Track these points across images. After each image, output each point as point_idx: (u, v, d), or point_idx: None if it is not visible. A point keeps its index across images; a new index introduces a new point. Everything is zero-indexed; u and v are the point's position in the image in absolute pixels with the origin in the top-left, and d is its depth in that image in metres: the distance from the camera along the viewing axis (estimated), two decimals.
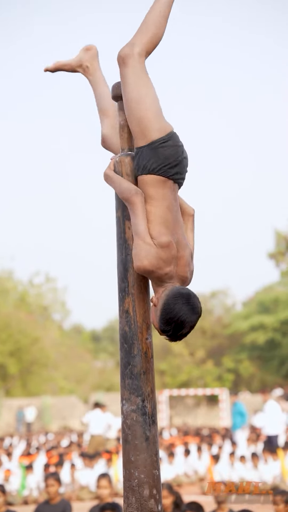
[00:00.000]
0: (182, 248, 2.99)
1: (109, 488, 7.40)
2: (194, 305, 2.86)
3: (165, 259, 2.90)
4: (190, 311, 2.85)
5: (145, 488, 2.86)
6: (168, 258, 2.91)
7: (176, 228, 2.97)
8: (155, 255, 2.87)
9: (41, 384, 36.43)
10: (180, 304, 2.84)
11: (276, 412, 14.24)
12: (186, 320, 2.84)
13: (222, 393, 28.43)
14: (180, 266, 2.98)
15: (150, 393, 2.95)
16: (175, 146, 2.96)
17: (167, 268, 2.91)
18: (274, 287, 39.47)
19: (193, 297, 2.88)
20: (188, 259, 3.01)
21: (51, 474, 7.98)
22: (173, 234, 2.94)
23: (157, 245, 2.89)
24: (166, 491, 6.31)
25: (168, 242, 2.90)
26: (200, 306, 2.91)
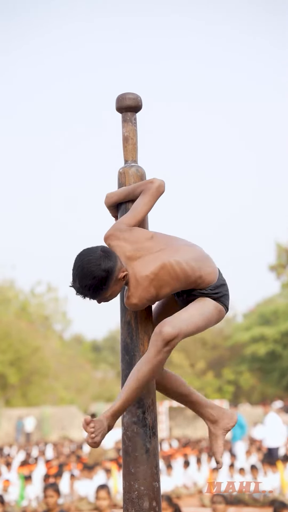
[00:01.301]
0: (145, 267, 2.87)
1: (108, 499, 7.38)
2: (78, 259, 2.76)
3: (128, 238, 2.89)
4: (75, 264, 2.75)
5: (145, 500, 2.85)
6: (132, 239, 2.89)
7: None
8: (126, 228, 2.91)
9: (41, 394, 36.35)
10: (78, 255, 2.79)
11: (277, 424, 14.20)
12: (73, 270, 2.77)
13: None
14: (139, 263, 2.86)
15: (151, 405, 2.95)
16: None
17: (127, 242, 2.88)
18: (275, 299, 39.45)
19: (86, 253, 2.75)
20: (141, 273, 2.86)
21: (50, 485, 7.95)
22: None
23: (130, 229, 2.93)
24: (166, 503, 6.29)
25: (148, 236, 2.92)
26: (76, 271, 2.71)
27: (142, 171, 3.13)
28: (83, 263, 2.69)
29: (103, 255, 2.71)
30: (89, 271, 2.68)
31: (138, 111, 3.22)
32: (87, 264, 2.68)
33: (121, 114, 3.22)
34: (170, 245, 2.93)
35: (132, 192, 3.05)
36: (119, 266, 2.78)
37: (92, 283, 2.68)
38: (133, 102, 3.18)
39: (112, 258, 2.73)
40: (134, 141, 3.20)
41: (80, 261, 2.71)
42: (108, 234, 2.93)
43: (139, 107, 3.20)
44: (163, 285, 2.87)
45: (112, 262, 2.72)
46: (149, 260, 2.85)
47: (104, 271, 2.69)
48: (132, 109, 3.19)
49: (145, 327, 2.99)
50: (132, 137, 3.20)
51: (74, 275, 2.71)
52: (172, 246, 2.93)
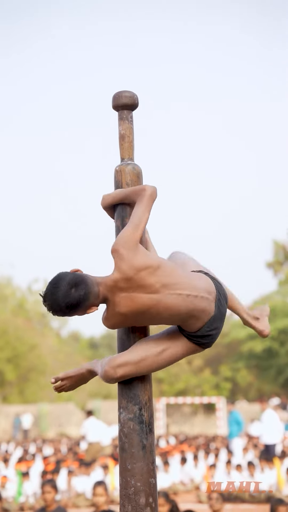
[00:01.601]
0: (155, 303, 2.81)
1: (104, 495, 7.39)
2: (51, 279, 2.75)
3: (138, 263, 2.78)
4: (49, 281, 2.75)
5: (141, 496, 2.86)
6: (140, 265, 2.78)
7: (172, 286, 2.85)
8: (132, 246, 2.80)
9: (38, 391, 36.36)
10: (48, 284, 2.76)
11: (274, 421, 14.23)
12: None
13: (219, 401, 28.40)
14: (134, 285, 2.79)
15: (147, 402, 2.96)
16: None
17: (129, 273, 2.77)
18: (272, 296, 39.49)
19: (60, 275, 2.74)
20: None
21: (47, 481, 7.96)
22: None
23: (142, 248, 2.84)
24: (163, 499, 6.31)
25: (154, 262, 2.81)
26: (48, 292, 2.70)
27: (138, 169, 3.14)
28: (52, 291, 2.69)
29: (72, 293, 2.68)
30: (53, 302, 2.69)
31: (134, 109, 3.22)
32: (54, 295, 2.69)
33: (117, 112, 3.23)
34: (170, 284, 2.83)
35: (127, 196, 3.02)
36: (89, 302, 2.74)
37: (56, 310, 2.71)
38: (129, 100, 3.18)
39: (80, 295, 2.69)
40: (130, 139, 3.21)
41: (51, 286, 2.71)
42: (113, 248, 2.82)
43: (135, 105, 3.21)
44: (143, 321, 2.89)
45: (80, 299, 2.70)
46: (138, 299, 2.79)
47: (68, 307, 2.69)
48: (128, 107, 3.19)
49: None
50: (129, 135, 3.20)
51: (44, 295, 2.72)
52: (173, 284, 2.83)
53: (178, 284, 2.84)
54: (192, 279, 2.91)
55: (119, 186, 3.11)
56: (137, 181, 3.12)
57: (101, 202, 3.13)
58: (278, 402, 26.63)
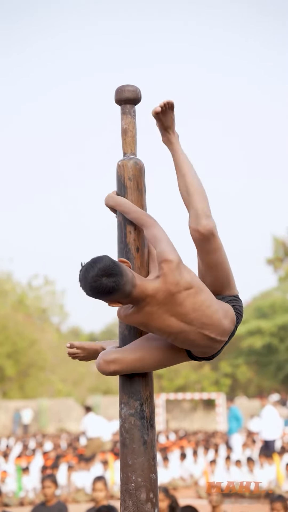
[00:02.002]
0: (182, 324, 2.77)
1: (104, 491, 7.40)
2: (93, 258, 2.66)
3: (181, 275, 2.74)
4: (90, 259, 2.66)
5: (142, 492, 2.86)
6: (182, 280, 2.73)
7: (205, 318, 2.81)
8: (181, 261, 2.77)
9: (38, 386, 36.41)
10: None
11: (274, 417, 14.26)
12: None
13: (219, 397, 28.42)
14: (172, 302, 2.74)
15: (149, 397, 2.96)
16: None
17: (174, 279, 2.71)
18: (272, 292, 39.51)
19: (102, 257, 2.64)
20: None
21: (47, 476, 7.98)
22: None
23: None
24: (162, 494, 6.32)
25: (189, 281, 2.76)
26: (84, 267, 2.63)
27: (141, 163, 3.12)
28: (87, 269, 2.62)
29: (105, 280, 2.59)
30: (84, 281, 2.62)
31: (137, 104, 3.20)
32: (86, 273, 2.62)
33: (120, 106, 3.22)
34: (204, 323, 2.80)
35: (132, 218, 2.97)
36: (114, 297, 2.65)
37: (81, 286, 2.65)
38: (132, 94, 3.16)
39: (109, 286, 2.60)
40: (133, 133, 3.19)
41: (87, 265, 2.63)
42: (167, 258, 2.72)
43: (138, 100, 3.19)
44: (158, 334, 2.85)
45: (106, 290, 2.61)
46: (167, 321, 2.75)
47: (92, 289, 2.62)
48: (131, 101, 3.17)
49: None
50: (131, 130, 3.19)
51: (79, 271, 2.66)
52: (205, 324, 2.80)
53: (210, 326, 2.81)
54: (222, 319, 2.86)
55: (121, 181, 3.10)
56: (139, 176, 3.10)
57: (105, 201, 3.12)
58: (277, 398, 26.67)
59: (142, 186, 3.11)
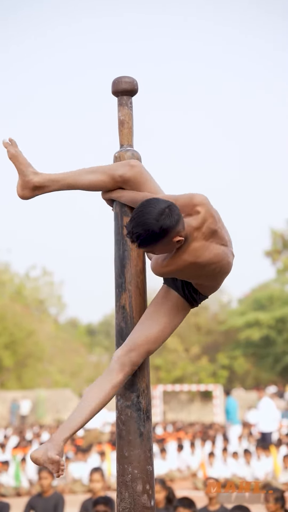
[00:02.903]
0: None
1: (101, 482, 7.43)
2: (139, 204, 2.66)
3: (214, 212, 2.81)
4: (135, 212, 2.63)
5: (138, 483, 2.87)
6: (216, 215, 2.82)
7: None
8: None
9: (36, 377, 36.47)
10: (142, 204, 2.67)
11: (271, 409, 14.27)
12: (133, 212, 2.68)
13: (216, 389, 28.48)
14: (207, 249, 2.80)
15: (145, 389, 2.96)
16: None
17: (213, 215, 2.79)
18: (270, 284, 39.55)
19: (150, 199, 2.65)
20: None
21: (44, 467, 7.98)
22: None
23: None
24: (159, 486, 6.33)
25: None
26: (133, 216, 2.61)
27: (137, 155, 3.12)
28: (143, 211, 2.58)
29: (167, 213, 2.57)
30: (145, 222, 2.56)
31: (134, 95, 3.19)
32: (146, 214, 2.56)
33: (117, 97, 3.21)
34: (229, 240, 2.93)
35: (124, 198, 3.01)
36: (178, 229, 2.63)
37: (143, 233, 2.57)
38: (129, 86, 3.15)
39: (174, 219, 2.59)
40: (130, 125, 3.18)
41: (142, 207, 2.60)
42: (202, 201, 2.77)
43: (135, 91, 3.18)
44: (190, 276, 2.87)
45: (172, 222, 2.58)
46: (214, 249, 2.81)
47: (160, 229, 2.56)
48: (128, 92, 3.16)
49: (140, 312, 2.99)
50: (128, 121, 3.18)
51: (132, 219, 2.61)
52: (229, 241, 2.93)
53: (230, 242, 2.95)
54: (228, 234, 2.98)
55: None
56: None
57: (102, 196, 3.11)
58: (275, 390, 26.71)
59: None
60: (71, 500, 9.33)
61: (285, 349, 35.03)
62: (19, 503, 9.00)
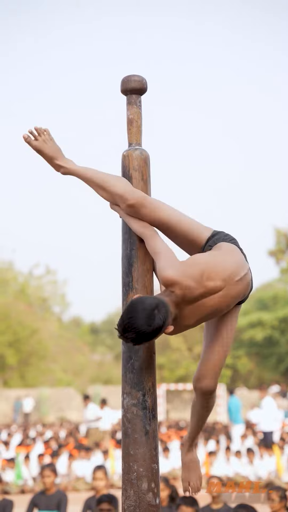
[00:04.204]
0: (222, 301, 2.86)
1: (104, 480, 7.44)
2: (129, 311, 2.63)
3: (193, 276, 2.74)
4: (125, 314, 2.64)
5: (143, 482, 2.87)
6: (197, 277, 2.74)
7: (229, 278, 2.88)
8: (183, 268, 2.75)
9: (39, 375, 36.50)
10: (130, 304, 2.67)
11: (272, 409, 14.27)
12: (120, 318, 2.68)
13: (219, 388, 28.47)
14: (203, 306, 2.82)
15: (151, 388, 2.96)
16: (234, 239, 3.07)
17: (192, 290, 2.73)
18: (274, 284, 39.50)
19: (134, 302, 2.64)
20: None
21: (47, 465, 8.01)
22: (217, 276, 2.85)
23: (186, 261, 2.81)
24: (163, 484, 6.35)
25: (201, 262, 2.81)
26: (123, 321, 2.61)
27: (146, 154, 3.12)
28: (134, 316, 2.60)
29: (156, 314, 2.60)
30: (136, 327, 2.59)
31: (143, 94, 3.20)
32: (137, 320, 2.59)
33: (126, 96, 3.21)
34: (227, 277, 2.87)
35: (133, 229, 3.00)
36: (168, 321, 2.68)
37: (137, 337, 2.62)
38: (138, 85, 3.16)
39: (163, 317, 2.62)
40: (138, 123, 3.18)
41: (132, 312, 2.61)
42: (169, 281, 2.71)
43: (144, 90, 3.18)
44: (214, 314, 2.93)
45: (162, 320, 2.62)
46: (209, 301, 2.82)
47: (152, 330, 2.60)
48: (137, 91, 3.17)
49: None
50: (137, 120, 3.18)
51: (122, 323, 2.62)
52: (228, 276, 2.87)
53: (232, 273, 2.89)
54: (237, 261, 2.97)
55: (126, 171, 3.10)
56: (144, 166, 3.10)
57: (110, 206, 3.13)
58: (278, 389, 26.69)
59: (147, 177, 3.10)
60: (74, 498, 9.35)
61: None
62: (22, 500, 9.02)
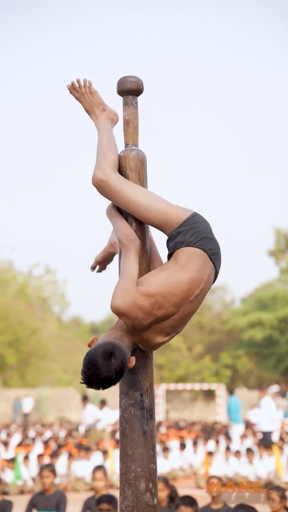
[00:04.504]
0: (178, 321, 2.85)
1: (104, 480, 7.44)
2: (89, 364, 2.64)
3: (142, 308, 2.72)
4: (86, 368, 2.65)
5: (141, 482, 2.88)
6: (144, 310, 2.72)
7: (183, 302, 2.83)
8: (134, 300, 2.72)
9: (39, 375, 36.49)
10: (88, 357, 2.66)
11: (272, 409, 14.26)
12: (83, 372, 2.67)
13: (219, 388, 28.48)
14: (156, 333, 2.83)
15: (149, 388, 2.97)
16: (207, 222, 2.97)
17: (137, 319, 2.72)
18: (273, 284, 39.49)
19: (95, 356, 2.63)
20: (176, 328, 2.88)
21: (46, 465, 8.00)
22: (171, 301, 2.78)
23: (141, 292, 2.74)
24: (162, 484, 6.35)
25: (153, 293, 2.74)
26: (98, 369, 2.61)
27: (142, 154, 3.13)
28: (95, 372, 2.62)
29: (114, 360, 2.63)
30: (102, 378, 2.63)
31: (139, 95, 3.21)
32: (101, 372, 2.62)
33: (122, 97, 3.22)
34: (179, 300, 2.84)
35: (118, 239, 3.00)
36: (128, 358, 2.71)
37: (105, 385, 2.66)
38: (134, 86, 3.16)
39: (122, 356, 2.65)
40: (135, 124, 3.19)
41: (92, 366, 2.62)
42: (116, 310, 2.74)
43: (140, 91, 3.19)
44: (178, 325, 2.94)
45: (122, 360, 2.66)
46: (165, 325, 2.86)
47: (116, 374, 2.64)
48: (133, 92, 3.17)
49: None
50: (133, 121, 3.19)
51: (86, 375, 2.65)
52: (182, 299, 2.85)
53: (186, 296, 2.84)
54: (192, 278, 2.84)
55: (123, 172, 3.10)
56: (141, 167, 3.10)
57: (106, 212, 3.14)
58: (277, 389, 26.68)
59: (144, 177, 3.11)
60: (73, 498, 9.36)
61: None
62: (22, 500, 9.02)
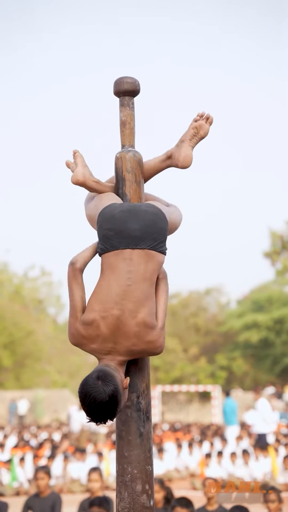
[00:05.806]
0: (126, 323, 2.79)
1: (99, 481, 7.42)
2: (81, 394, 2.66)
3: (87, 336, 2.82)
4: (81, 400, 2.66)
5: (137, 484, 2.87)
6: (91, 335, 2.80)
7: (122, 301, 2.80)
8: (77, 332, 2.84)
9: (34, 377, 36.45)
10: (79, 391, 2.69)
11: (267, 410, 14.25)
12: (82, 407, 2.68)
13: (215, 390, 28.48)
14: (123, 340, 2.80)
15: (145, 390, 2.96)
16: (107, 217, 2.95)
17: (92, 345, 2.81)
18: (269, 286, 39.53)
19: (84, 385, 2.66)
20: (137, 332, 2.80)
21: (41, 467, 7.99)
22: (110, 309, 2.79)
23: (80, 322, 2.84)
24: (158, 486, 6.34)
25: (91, 320, 2.80)
26: (91, 395, 2.62)
27: (139, 156, 3.12)
28: (96, 410, 2.64)
29: (101, 384, 2.65)
30: (103, 413, 2.64)
31: (135, 96, 3.20)
32: (101, 409, 2.63)
33: (118, 98, 3.21)
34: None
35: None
36: (121, 378, 2.74)
37: (110, 418, 2.67)
38: (130, 86, 3.16)
39: (113, 383, 2.67)
40: (131, 125, 3.19)
41: (91, 404, 2.63)
42: (75, 345, 2.90)
43: (136, 92, 3.19)
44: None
45: (115, 387, 2.67)
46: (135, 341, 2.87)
47: (115, 404, 2.66)
48: (129, 93, 3.17)
49: None
50: (130, 122, 3.18)
51: (88, 412, 2.66)
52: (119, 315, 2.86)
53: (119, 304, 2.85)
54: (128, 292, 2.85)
55: (120, 173, 3.10)
56: (137, 168, 3.10)
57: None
58: (273, 391, 26.73)
59: (140, 179, 3.11)
60: (69, 499, 9.35)
61: (284, 350, 35.02)
62: (17, 502, 9.01)
